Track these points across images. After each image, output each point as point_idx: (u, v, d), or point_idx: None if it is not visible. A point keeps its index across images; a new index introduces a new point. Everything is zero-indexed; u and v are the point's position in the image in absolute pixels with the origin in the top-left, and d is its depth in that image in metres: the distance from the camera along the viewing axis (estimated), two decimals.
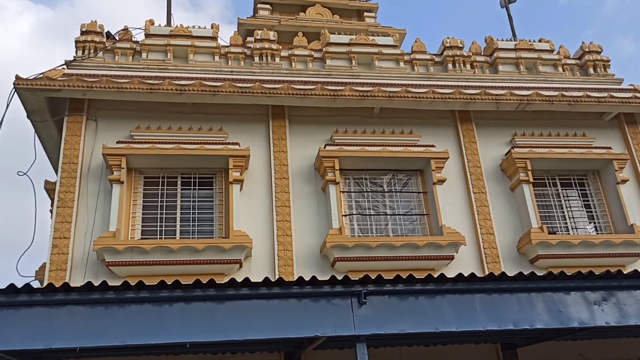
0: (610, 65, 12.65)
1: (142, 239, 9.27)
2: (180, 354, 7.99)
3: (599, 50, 12.75)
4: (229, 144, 9.90)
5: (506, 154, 10.70)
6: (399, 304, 5.75)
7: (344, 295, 5.65)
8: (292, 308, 5.58)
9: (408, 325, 5.69)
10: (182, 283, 5.47)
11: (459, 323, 5.76)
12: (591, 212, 10.87)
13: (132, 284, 5.40)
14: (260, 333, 5.46)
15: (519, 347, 8.96)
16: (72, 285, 5.45)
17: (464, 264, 9.52)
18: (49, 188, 11.02)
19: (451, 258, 9.52)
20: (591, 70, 12.58)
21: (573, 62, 12.76)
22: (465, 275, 5.99)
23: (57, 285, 5.34)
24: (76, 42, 10.90)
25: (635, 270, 6.30)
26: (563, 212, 10.76)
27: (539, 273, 6.26)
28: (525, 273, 6.17)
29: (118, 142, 9.62)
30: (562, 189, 10.95)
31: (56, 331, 5.11)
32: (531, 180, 10.30)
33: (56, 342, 5.11)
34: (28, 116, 10.01)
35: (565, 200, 10.88)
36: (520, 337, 8.35)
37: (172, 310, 5.36)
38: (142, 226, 9.48)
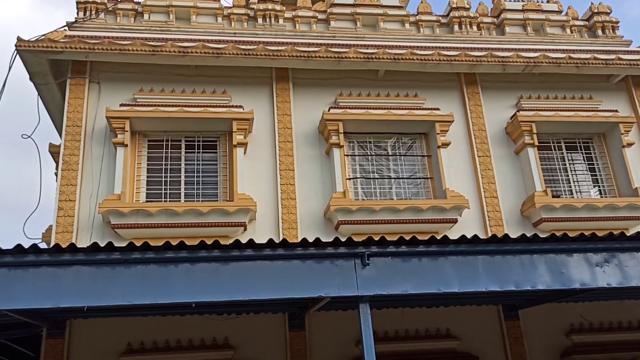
0: (619, 26, 12.44)
1: (146, 201, 9.32)
2: (185, 314, 8.10)
3: (608, 11, 12.51)
4: (232, 106, 9.85)
5: (511, 117, 10.62)
6: (402, 265, 5.78)
7: (348, 257, 5.67)
8: (296, 269, 5.61)
9: (411, 286, 5.73)
10: (187, 244, 5.51)
11: (461, 284, 5.79)
12: (596, 175, 10.85)
13: (138, 245, 5.45)
14: (265, 294, 5.51)
15: (520, 308, 9.07)
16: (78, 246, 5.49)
17: (467, 227, 9.54)
18: (53, 151, 11.03)
19: (455, 221, 9.55)
20: (599, 32, 12.38)
21: (581, 23, 12.54)
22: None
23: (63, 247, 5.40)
24: (77, 3, 10.76)
25: (638, 232, 6.31)
26: (567, 175, 10.74)
27: (542, 236, 6.27)
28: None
29: (121, 105, 9.58)
30: (567, 153, 10.91)
31: (63, 291, 5.17)
32: (536, 143, 10.24)
33: (63, 301, 5.17)
34: (31, 79, 9.97)
35: (570, 163, 10.85)
36: (522, 298, 8.43)
37: (178, 270, 5.40)
38: (147, 189, 9.52)
